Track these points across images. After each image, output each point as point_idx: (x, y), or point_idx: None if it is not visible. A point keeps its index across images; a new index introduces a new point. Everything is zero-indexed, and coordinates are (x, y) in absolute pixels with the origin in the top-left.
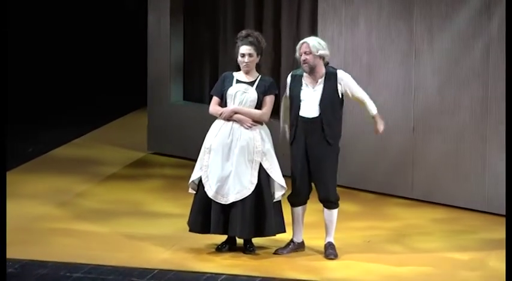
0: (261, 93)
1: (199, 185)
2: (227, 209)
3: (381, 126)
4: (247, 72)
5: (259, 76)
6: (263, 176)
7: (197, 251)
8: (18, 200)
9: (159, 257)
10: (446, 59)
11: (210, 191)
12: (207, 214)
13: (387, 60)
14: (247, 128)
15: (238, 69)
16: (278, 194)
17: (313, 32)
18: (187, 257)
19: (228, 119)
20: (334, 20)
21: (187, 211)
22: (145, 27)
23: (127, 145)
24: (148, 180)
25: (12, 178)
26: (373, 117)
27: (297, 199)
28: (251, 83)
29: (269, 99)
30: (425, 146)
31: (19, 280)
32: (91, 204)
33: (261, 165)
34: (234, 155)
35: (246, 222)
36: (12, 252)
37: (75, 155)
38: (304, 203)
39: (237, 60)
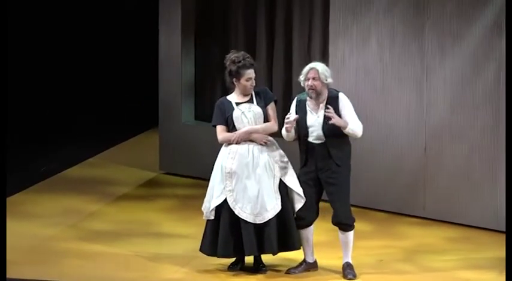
0: (263, 106)
1: (221, 210)
2: (259, 228)
3: (334, 118)
4: (247, 95)
5: (252, 92)
6: (283, 190)
7: (209, 271)
8: (31, 220)
9: (172, 277)
10: (458, 78)
11: (243, 214)
12: (237, 238)
13: (399, 79)
14: (264, 145)
15: (226, 94)
16: (298, 206)
17: (325, 51)
18: (200, 277)
19: (244, 140)
20: (346, 39)
21: (198, 230)
22: (156, 46)
23: (139, 164)
24: (160, 200)
25: (25, 198)
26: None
27: (301, 222)
28: (250, 101)
29: (272, 108)
30: (437, 165)
31: None
32: (103, 224)
33: (280, 180)
34: (256, 174)
35: (275, 238)
36: (24, 272)
37: (87, 175)
38: (309, 225)
39: (232, 83)
